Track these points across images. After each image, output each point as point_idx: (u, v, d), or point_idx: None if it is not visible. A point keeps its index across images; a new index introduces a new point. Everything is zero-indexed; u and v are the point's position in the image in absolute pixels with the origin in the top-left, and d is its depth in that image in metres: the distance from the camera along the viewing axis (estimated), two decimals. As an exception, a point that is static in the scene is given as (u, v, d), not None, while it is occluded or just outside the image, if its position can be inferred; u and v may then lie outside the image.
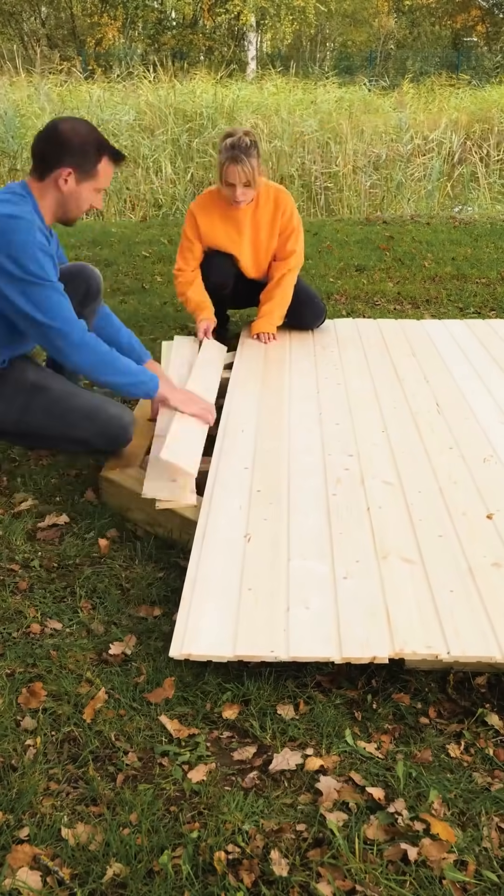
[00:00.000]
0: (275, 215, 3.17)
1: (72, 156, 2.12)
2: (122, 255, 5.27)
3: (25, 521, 2.23)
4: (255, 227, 3.18)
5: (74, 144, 2.11)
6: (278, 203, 3.16)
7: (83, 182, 2.17)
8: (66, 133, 2.11)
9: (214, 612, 1.69)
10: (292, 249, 3.23)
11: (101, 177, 2.20)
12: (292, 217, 3.20)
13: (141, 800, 1.37)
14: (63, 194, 2.16)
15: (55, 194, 2.17)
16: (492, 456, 2.34)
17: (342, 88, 11.34)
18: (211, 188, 3.22)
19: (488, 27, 24.65)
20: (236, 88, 10.40)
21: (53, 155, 2.12)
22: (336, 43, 23.05)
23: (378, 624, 1.64)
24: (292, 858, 1.28)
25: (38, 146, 2.14)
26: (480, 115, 10.06)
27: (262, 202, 3.15)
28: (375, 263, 5.04)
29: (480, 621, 1.64)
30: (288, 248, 3.23)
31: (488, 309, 4.18)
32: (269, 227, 3.19)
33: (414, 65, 18.33)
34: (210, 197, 3.18)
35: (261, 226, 3.18)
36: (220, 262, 3.22)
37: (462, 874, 1.25)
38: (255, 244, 3.22)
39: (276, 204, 3.16)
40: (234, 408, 2.67)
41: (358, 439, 2.44)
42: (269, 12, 19.84)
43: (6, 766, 1.45)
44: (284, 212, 3.17)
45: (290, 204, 3.19)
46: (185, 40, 19.93)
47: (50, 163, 2.13)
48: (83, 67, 14.28)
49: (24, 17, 21.48)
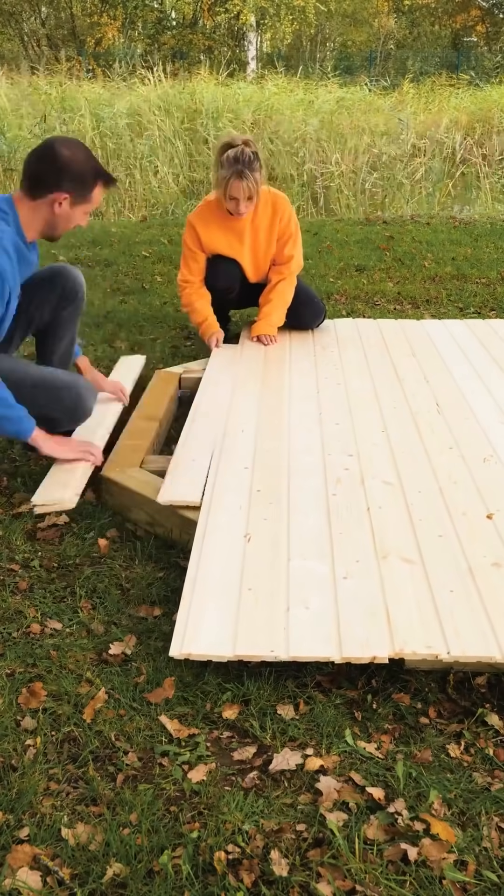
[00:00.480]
0: (273, 220, 3.18)
1: (70, 182, 2.15)
2: (122, 255, 5.27)
3: (25, 521, 2.23)
4: (254, 232, 3.19)
5: (73, 171, 2.15)
6: (276, 208, 3.17)
7: (77, 206, 2.21)
8: (65, 159, 2.14)
9: (214, 612, 1.69)
10: (290, 255, 3.24)
11: (93, 201, 2.25)
12: (290, 222, 3.21)
13: (141, 800, 1.38)
14: (55, 216, 2.20)
15: (47, 215, 2.20)
16: (492, 456, 2.34)
17: (342, 88, 11.34)
18: (208, 198, 3.22)
19: (488, 27, 24.65)
20: (236, 88, 10.40)
21: (51, 178, 2.14)
22: (336, 43, 23.05)
23: (378, 624, 1.64)
24: (292, 858, 1.28)
25: (34, 167, 2.16)
26: (480, 115, 10.07)
27: (261, 207, 3.16)
28: (375, 263, 5.04)
29: (480, 621, 1.64)
30: (286, 253, 3.24)
31: (488, 309, 4.18)
32: (267, 232, 3.20)
33: (414, 65, 18.32)
34: (208, 207, 3.19)
35: (259, 231, 3.19)
36: (227, 267, 3.24)
37: (462, 874, 1.25)
38: (255, 249, 3.23)
39: (274, 209, 3.17)
40: (234, 408, 2.67)
41: (358, 439, 2.44)
42: (268, 12, 19.83)
43: (6, 766, 1.45)
44: (282, 217, 3.18)
45: (287, 209, 3.20)
46: (184, 40, 19.92)
47: (47, 185, 2.15)
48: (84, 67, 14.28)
49: (24, 17, 21.48)
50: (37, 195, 2.16)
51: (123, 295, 4.40)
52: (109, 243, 5.60)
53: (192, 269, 3.25)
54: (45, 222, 2.22)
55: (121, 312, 4.07)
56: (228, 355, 3.17)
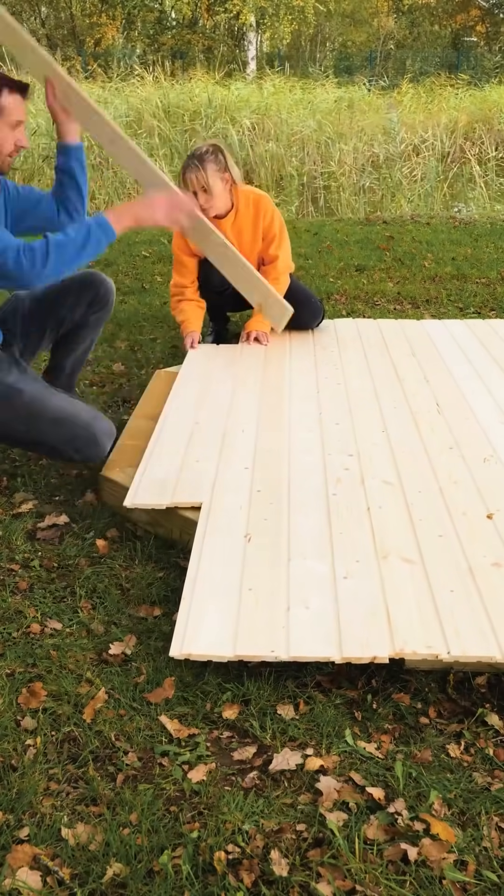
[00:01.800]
0: (256, 220, 3.18)
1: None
2: (122, 255, 5.27)
3: (25, 521, 2.23)
4: (237, 234, 3.19)
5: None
6: (258, 208, 3.17)
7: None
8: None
9: (215, 612, 1.69)
10: (275, 254, 3.24)
11: (8, 110, 2.17)
12: (273, 222, 3.20)
13: (141, 800, 1.37)
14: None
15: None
16: (492, 456, 2.34)
17: (342, 88, 11.35)
18: None
19: (488, 27, 24.65)
20: (235, 88, 10.40)
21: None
22: (336, 43, 23.04)
23: (378, 624, 1.64)
24: (292, 858, 1.28)
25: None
26: (480, 115, 10.07)
27: (242, 208, 3.15)
28: (375, 263, 5.04)
29: (481, 621, 1.64)
30: (271, 252, 3.24)
31: (488, 309, 4.18)
32: (251, 232, 3.20)
33: (414, 65, 18.32)
34: None
35: (243, 232, 3.19)
36: None
37: (462, 874, 1.25)
38: (241, 250, 3.22)
39: (256, 209, 3.17)
40: (235, 407, 2.67)
41: (358, 439, 2.44)
42: (268, 12, 19.84)
43: (6, 766, 1.45)
44: (265, 216, 3.18)
45: (270, 208, 3.19)
46: (184, 40, 19.93)
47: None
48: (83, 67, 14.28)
49: (24, 17, 21.48)
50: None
51: (123, 295, 4.40)
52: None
53: (183, 274, 3.26)
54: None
55: (121, 312, 4.07)
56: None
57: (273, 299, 2.96)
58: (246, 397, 2.76)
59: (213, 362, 3.08)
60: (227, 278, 2.85)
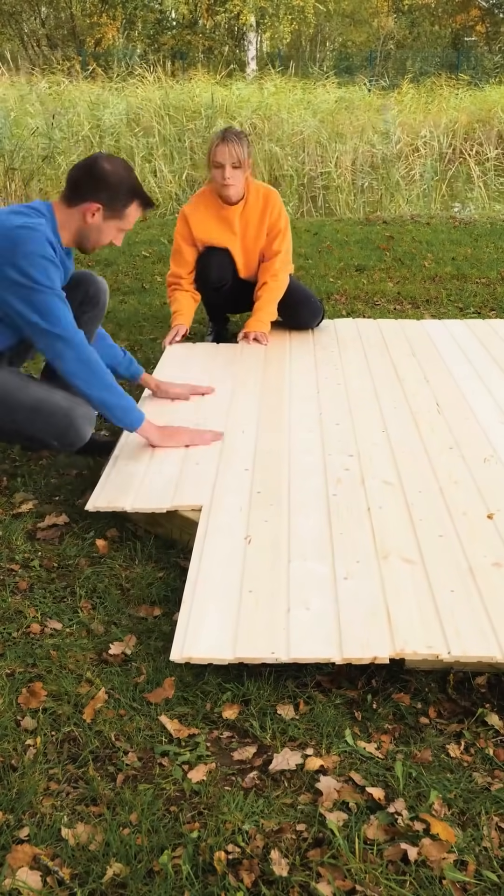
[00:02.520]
0: (264, 212, 3.20)
1: (105, 193, 2.21)
2: (122, 255, 5.27)
3: (25, 521, 2.23)
4: (244, 224, 3.20)
5: (110, 183, 2.20)
6: (268, 201, 3.19)
7: (109, 220, 2.26)
8: (103, 171, 2.20)
9: (215, 615, 1.69)
10: (278, 249, 3.24)
11: (127, 219, 2.30)
12: (280, 217, 3.22)
13: (141, 800, 1.37)
14: (87, 226, 2.25)
15: (79, 224, 2.25)
16: (492, 456, 2.34)
17: (342, 88, 11.35)
18: (202, 189, 3.23)
19: (488, 27, 24.66)
20: (235, 88, 10.40)
21: (88, 188, 2.20)
22: (336, 43, 23.05)
23: (378, 624, 1.64)
24: (292, 858, 1.28)
25: (75, 175, 2.22)
26: (480, 116, 10.07)
27: (252, 200, 3.18)
28: (375, 263, 5.04)
29: (481, 621, 1.64)
30: (274, 247, 3.24)
31: (488, 309, 4.18)
32: (257, 225, 3.21)
33: (414, 65, 18.33)
34: (201, 197, 3.21)
35: (250, 223, 3.21)
36: (219, 259, 3.24)
37: (462, 874, 1.25)
38: (245, 240, 3.24)
39: (265, 201, 3.19)
40: (234, 408, 2.67)
41: (358, 439, 2.44)
42: (268, 12, 19.84)
43: (6, 766, 1.45)
44: (273, 210, 3.20)
45: (278, 203, 3.22)
46: (184, 40, 19.93)
47: (83, 194, 2.21)
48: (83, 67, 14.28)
49: (24, 17, 21.49)
50: (72, 202, 2.23)
51: (123, 295, 4.40)
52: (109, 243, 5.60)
53: (179, 263, 3.27)
54: (78, 231, 2.26)
55: (121, 312, 4.08)
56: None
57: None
58: (245, 398, 2.76)
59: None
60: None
